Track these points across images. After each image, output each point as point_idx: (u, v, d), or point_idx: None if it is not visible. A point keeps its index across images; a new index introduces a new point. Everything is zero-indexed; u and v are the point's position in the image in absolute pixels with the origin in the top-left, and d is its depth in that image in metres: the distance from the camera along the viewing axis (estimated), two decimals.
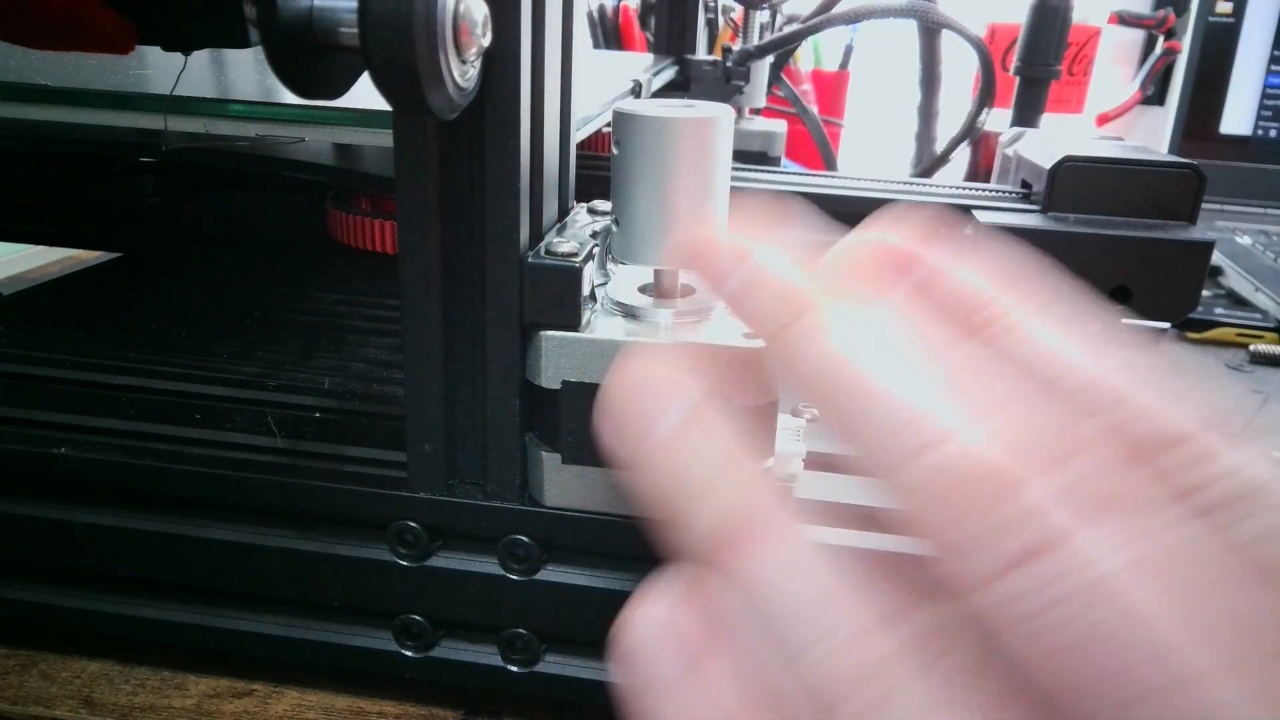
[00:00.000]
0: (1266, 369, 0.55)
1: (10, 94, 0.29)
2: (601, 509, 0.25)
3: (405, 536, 0.26)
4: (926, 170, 0.74)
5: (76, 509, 0.27)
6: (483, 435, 0.25)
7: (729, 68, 0.64)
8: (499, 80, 0.21)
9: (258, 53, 0.20)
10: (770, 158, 0.65)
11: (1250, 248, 0.75)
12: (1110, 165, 0.42)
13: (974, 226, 0.42)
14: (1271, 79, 0.94)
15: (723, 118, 0.23)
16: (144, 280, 0.43)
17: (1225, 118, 0.95)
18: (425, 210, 0.22)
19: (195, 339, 0.35)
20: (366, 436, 0.28)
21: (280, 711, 0.27)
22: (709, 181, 0.23)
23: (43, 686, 0.28)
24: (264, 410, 0.29)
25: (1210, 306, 0.62)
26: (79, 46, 0.22)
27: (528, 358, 0.24)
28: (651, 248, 0.24)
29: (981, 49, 0.59)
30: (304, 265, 0.45)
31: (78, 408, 0.29)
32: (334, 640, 0.27)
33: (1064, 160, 0.42)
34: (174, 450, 0.27)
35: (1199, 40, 0.93)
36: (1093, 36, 0.92)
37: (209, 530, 0.27)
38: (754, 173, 0.47)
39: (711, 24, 0.78)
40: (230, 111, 0.29)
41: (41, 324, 0.36)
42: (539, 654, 0.26)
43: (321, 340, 0.35)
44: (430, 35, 0.18)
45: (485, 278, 0.23)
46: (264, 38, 0.19)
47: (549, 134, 0.23)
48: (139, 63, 0.35)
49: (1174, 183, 0.41)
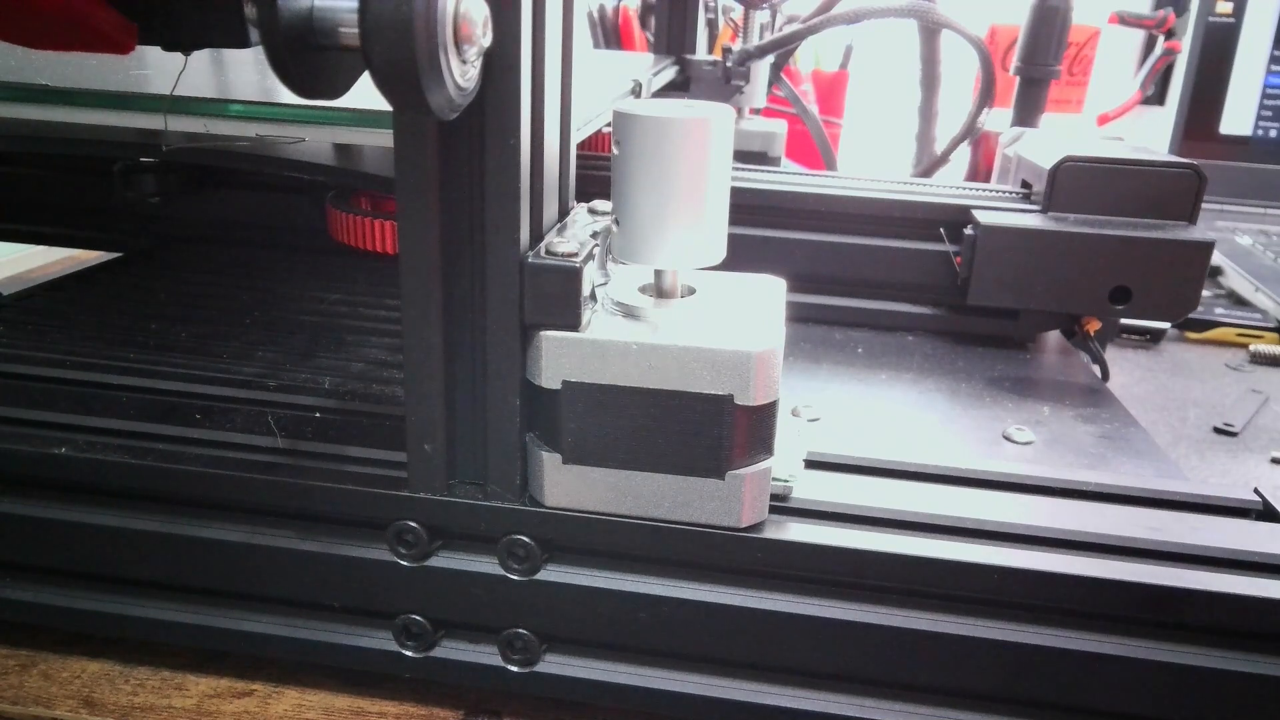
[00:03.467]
0: (1266, 369, 0.55)
1: (10, 94, 0.29)
2: (601, 509, 0.25)
3: (405, 536, 0.26)
4: (926, 170, 0.74)
5: (76, 509, 0.27)
6: (483, 435, 0.25)
7: (729, 68, 0.64)
8: (499, 80, 0.21)
9: (258, 53, 0.20)
10: (770, 158, 0.65)
11: (1250, 248, 0.75)
12: (1110, 165, 0.42)
13: (974, 226, 0.42)
14: (1271, 79, 0.94)
15: (723, 118, 0.23)
16: (144, 280, 0.43)
17: (1225, 118, 0.95)
18: (425, 210, 0.22)
19: (195, 339, 0.35)
20: (366, 436, 0.28)
21: (280, 711, 0.27)
22: (709, 181, 0.23)
23: (43, 686, 0.28)
24: (264, 410, 0.29)
25: (1210, 306, 0.62)
26: (79, 46, 0.22)
27: (528, 358, 0.24)
28: (651, 248, 0.24)
29: (981, 49, 0.59)
30: (304, 265, 0.45)
31: (78, 408, 0.29)
32: (334, 640, 0.27)
33: (1064, 160, 0.42)
34: (174, 450, 0.27)
35: (1199, 40, 0.93)
36: (1093, 36, 0.92)
37: (209, 530, 0.27)
38: (754, 173, 0.47)
39: (711, 24, 0.78)
40: (230, 111, 0.29)
41: (41, 324, 0.36)
42: (539, 654, 0.26)
43: (321, 340, 0.35)
44: (430, 35, 0.18)
45: (485, 278, 0.23)
46: (264, 38, 0.19)
47: (549, 134, 0.23)
48: (139, 63, 0.35)
49: (1174, 183, 0.41)
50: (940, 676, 0.25)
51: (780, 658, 0.26)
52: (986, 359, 0.44)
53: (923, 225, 0.45)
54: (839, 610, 0.25)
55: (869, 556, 0.24)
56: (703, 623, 0.25)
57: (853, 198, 0.45)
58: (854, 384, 0.41)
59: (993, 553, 0.24)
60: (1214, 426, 0.45)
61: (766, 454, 0.24)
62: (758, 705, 0.26)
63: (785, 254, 0.45)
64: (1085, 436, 0.36)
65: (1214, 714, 0.24)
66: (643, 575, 0.25)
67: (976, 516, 0.25)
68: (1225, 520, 0.27)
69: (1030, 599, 0.24)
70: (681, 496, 0.24)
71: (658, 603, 0.25)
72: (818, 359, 0.43)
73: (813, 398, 0.38)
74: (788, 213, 0.45)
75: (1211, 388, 0.51)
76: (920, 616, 0.25)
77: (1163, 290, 0.41)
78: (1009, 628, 0.24)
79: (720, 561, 0.25)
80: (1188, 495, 0.28)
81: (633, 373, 0.23)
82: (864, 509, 0.26)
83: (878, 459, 0.28)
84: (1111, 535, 0.25)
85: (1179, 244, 0.41)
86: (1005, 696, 0.25)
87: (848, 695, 0.26)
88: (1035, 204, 0.44)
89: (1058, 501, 0.27)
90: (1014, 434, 0.36)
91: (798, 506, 0.26)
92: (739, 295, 0.26)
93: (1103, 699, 0.24)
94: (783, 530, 0.25)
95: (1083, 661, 0.24)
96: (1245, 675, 0.24)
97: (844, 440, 0.29)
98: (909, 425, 0.37)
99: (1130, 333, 0.58)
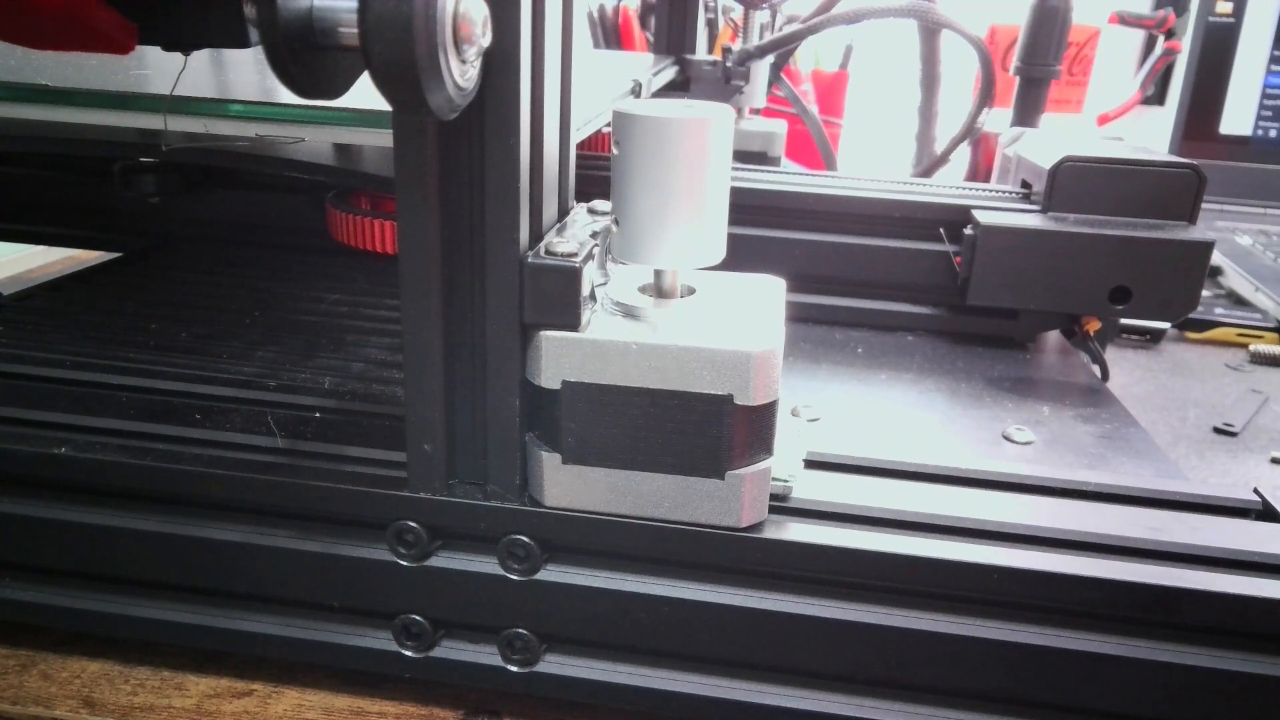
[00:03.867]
0: (1266, 369, 0.55)
1: (10, 94, 0.29)
2: (601, 509, 0.25)
3: (405, 536, 0.26)
4: (926, 170, 0.74)
5: (76, 509, 0.27)
6: (483, 435, 0.25)
7: (729, 68, 0.64)
8: (499, 80, 0.21)
9: (258, 53, 0.20)
10: (770, 158, 0.65)
11: (1250, 248, 0.75)
12: (1110, 165, 0.42)
13: (974, 226, 0.42)
14: (1271, 79, 0.94)
15: (722, 118, 0.23)
16: (144, 280, 0.43)
17: (1225, 118, 0.95)
18: (425, 210, 0.22)
19: (195, 339, 0.35)
20: (366, 436, 0.28)
21: (280, 711, 0.27)
22: (709, 181, 0.23)
23: (43, 686, 0.28)
24: (264, 410, 0.29)
25: (1210, 306, 0.62)
26: (79, 46, 0.22)
27: (528, 358, 0.24)
28: (651, 248, 0.24)
29: (981, 49, 0.59)
30: (304, 265, 0.45)
31: (78, 408, 0.29)
32: (334, 640, 0.27)
33: (1064, 160, 0.42)
34: (174, 450, 0.27)
35: (1199, 40, 0.93)
36: (1093, 36, 0.92)
37: (209, 530, 0.27)
38: (754, 173, 0.47)
39: (711, 24, 0.78)
40: (230, 111, 0.29)
41: (41, 324, 0.36)
42: (539, 654, 0.26)
43: (321, 340, 0.35)
44: (430, 35, 0.18)
45: (485, 278, 0.23)
46: (264, 38, 0.19)
47: (549, 134, 0.23)
48: (139, 63, 0.35)
49: (1174, 183, 0.41)
50: (940, 676, 0.25)
51: (780, 658, 0.26)
52: (986, 359, 0.44)
53: (923, 225, 0.45)
54: (839, 610, 0.25)
55: (869, 556, 0.24)
56: (702, 623, 0.25)
57: (853, 198, 0.45)
58: (854, 384, 0.41)
59: (993, 553, 0.24)
60: (1214, 426, 0.45)
61: (766, 454, 0.24)
62: (758, 705, 0.26)
63: (785, 254, 0.45)
64: (1085, 436, 0.36)
65: (1214, 714, 0.24)
66: (642, 575, 0.25)
67: (976, 516, 0.25)
68: (1225, 520, 0.27)
69: (1030, 599, 0.24)
70: (681, 496, 0.24)
71: (658, 603, 0.25)
72: (818, 359, 0.43)
73: (813, 398, 0.38)
74: (788, 213, 0.45)
75: (1211, 388, 0.51)
76: (920, 616, 0.25)
77: (1163, 290, 0.41)
78: (1009, 628, 0.24)
79: (720, 561, 0.25)
80: (1187, 495, 0.28)
81: (632, 373, 0.23)
82: (864, 509, 0.26)
83: (877, 459, 0.28)
84: (1111, 535, 0.25)
85: (1179, 244, 0.41)
86: (1005, 696, 0.25)
87: (848, 695, 0.26)
88: (1035, 204, 0.44)
89: (1057, 501, 0.27)
90: (1014, 434, 0.36)
91: (797, 506, 0.26)
92: (739, 295, 0.26)
93: (1102, 699, 0.24)
94: (782, 530, 0.25)
95: (1083, 661, 0.24)
96: (1245, 675, 0.24)
97: (844, 440, 0.29)
98: (909, 425, 0.37)
99: (1130, 333, 0.58)
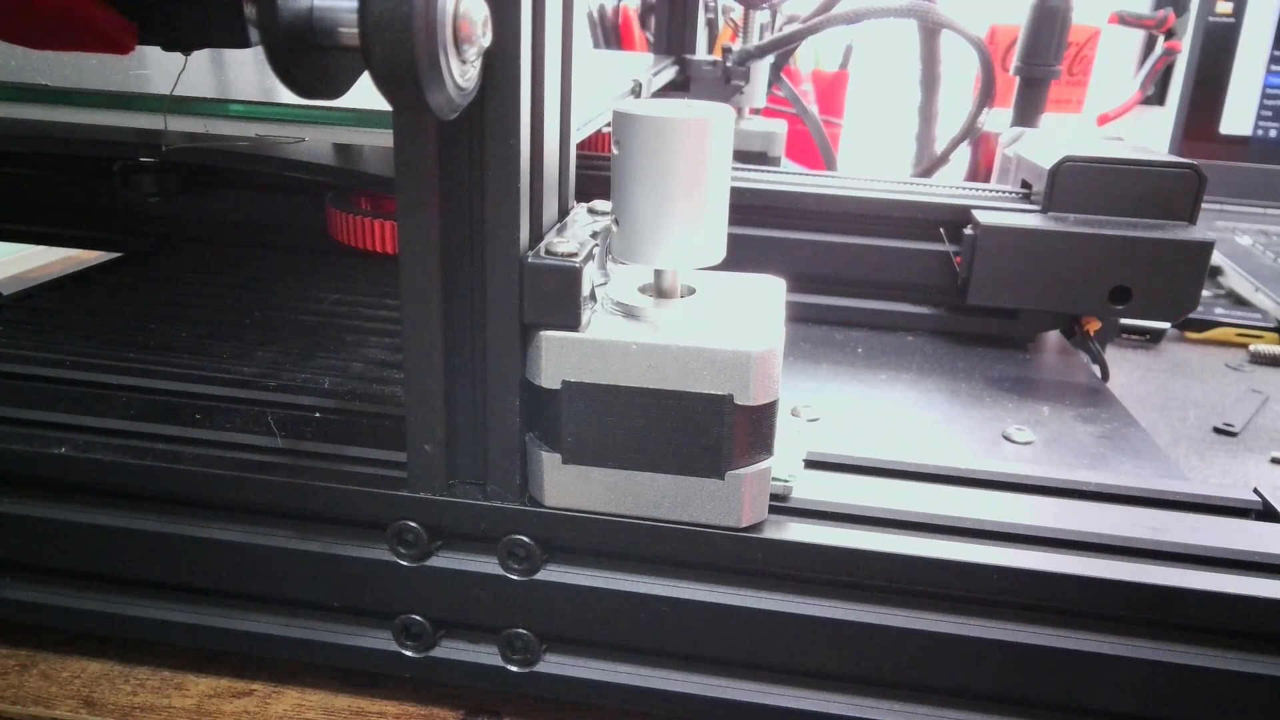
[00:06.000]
0: (1266, 369, 0.55)
1: (10, 94, 0.29)
2: (601, 509, 0.25)
3: (405, 536, 0.26)
4: (926, 170, 0.74)
5: (76, 509, 0.27)
6: (483, 435, 0.25)
7: (729, 68, 0.64)
8: (499, 80, 0.21)
9: (258, 53, 0.20)
10: (770, 158, 0.65)
11: (1250, 248, 0.75)
12: (1110, 165, 0.42)
13: (974, 226, 0.42)
14: (1271, 79, 0.94)
15: (722, 118, 0.23)
16: (144, 280, 0.43)
17: (1225, 118, 0.95)
18: (425, 210, 0.22)
19: (195, 339, 0.35)
20: (366, 436, 0.28)
21: (280, 711, 0.27)
22: (709, 181, 0.23)
23: (43, 686, 0.28)
24: (264, 410, 0.29)
25: (1210, 306, 0.62)
26: (79, 46, 0.22)
27: (528, 358, 0.24)
28: (651, 248, 0.24)
29: (981, 49, 0.59)
30: (304, 265, 0.45)
31: (78, 408, 0.29)
32: (334, 640, 0.27)
33: (1064, 160, 0.42)
34: (174, 450, 0.27)
35: (1199, 40, 0.93)
36: (1093, 36, 0.92)
37: (209, 530, 0.27)
38: (754, 173, 0.47)
39: (711, 24, 0.78)
40: (230, 111, 0.29)
41: (41, 324, 0.36)
42: (539, 654, 0.26)
43: (321, 340, 0.35)
44: (430, 35, 0.18)
45: (485, 278, 0.23)
46: (264, 38, 0.19)
47: (549, 134, 0.23)
48: (139, 63, 0.35)
49: (1174, 183, 0.41)
50: (940, 676, 0.25)
51: (780, 658, 0.26)
52: (986, 359, 0.44)
53: (923, 225, 0.45)
54: (839, 610, 0.25)
55: (869, 556, 0.24)
56: (702, 623, 0.25)
57: (853, 198, 0.45)
58: (854, 384, 0.41)
59: (993, 553, 0.24)
60: (1214, 426, 0.45)
61: (766, 454, 0.24)
62: (758, 705, 0.26)
63: (785, 254, 0.45)
64: (1085, 436, 0.36)
65: (1214, 714, 0.24)
66: (642, 575, 0.25)
67: (976, 516, 0.25)
68: (1225, 520, 0.27)
69: (1030, 599, 0.24)
70: (681, 496, 0.24)
71: (657, 603, 0.25)
72: (818, 359, 0.43)
73: (813, 398, 0.38)
74: (788, 213, 0.45)
75: (1211, 388, 0.51)
76: (920, 616, 0.25)
77: (1163, 290, 0.41)
78: (1009, 628, 0.24)
79: (720, 561, 0.25)
80: (1187, 495, 0.28)
81: (632, 373, 0.23)
82: (864, 509, 0.26)
83: (877, 459, 0.28)
84: (1111, 535, 0.25)
85: (1179, 244, 0.41)
86: (1005, 696, 0.25)
87: (848, 695, 0.26)
88: (1035, 204, 0.44)
89: (1058, 501, 0.27)
90: (1014, 434, 0.36)
91: (797, 506, 0.26)
92: (739, 295, 0.26)
93: (1103, 699, 0.24)
94: (782, 530, 0.25)
95: (1083, 661, 0.24)
96: (1245, 675, 0.24)
97: (844, 440, 0.29)
98: (909, 425, 0.37)
99: (1130, 333, 0.58)
